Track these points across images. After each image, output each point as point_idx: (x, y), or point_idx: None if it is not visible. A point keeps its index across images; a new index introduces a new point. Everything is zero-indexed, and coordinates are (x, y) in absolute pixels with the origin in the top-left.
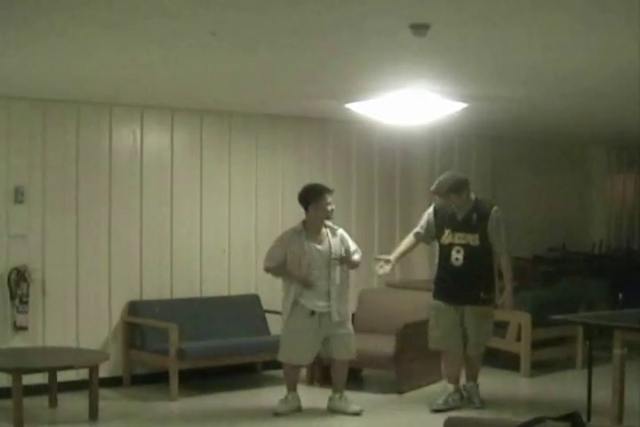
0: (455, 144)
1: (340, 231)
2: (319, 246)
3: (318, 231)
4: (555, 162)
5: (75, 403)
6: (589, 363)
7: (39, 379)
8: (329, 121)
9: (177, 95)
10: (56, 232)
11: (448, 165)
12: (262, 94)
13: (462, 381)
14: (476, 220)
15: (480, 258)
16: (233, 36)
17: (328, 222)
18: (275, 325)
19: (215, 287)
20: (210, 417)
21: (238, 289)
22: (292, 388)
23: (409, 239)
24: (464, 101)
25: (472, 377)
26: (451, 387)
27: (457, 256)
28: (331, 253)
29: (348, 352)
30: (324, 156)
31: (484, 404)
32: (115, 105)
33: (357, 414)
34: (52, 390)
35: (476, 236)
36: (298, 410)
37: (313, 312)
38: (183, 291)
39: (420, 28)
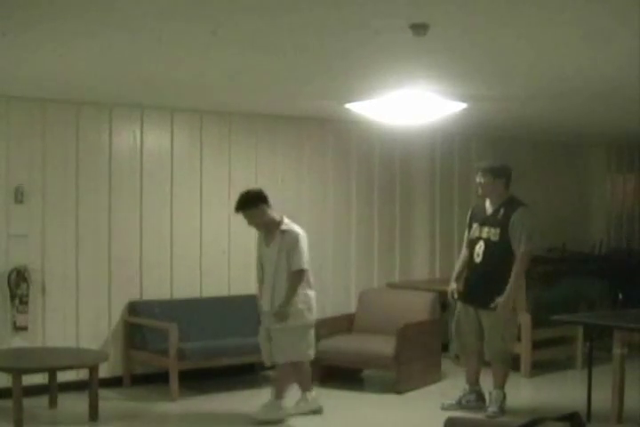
0: (455, 144)
1: (291, 236)
2: (267, 248)
3: (269, 232)
4: (555, 162)
5: (75, 403)
6: (589, 363)
7: (39, 379)
8: (329, 121)
9: (177, 95)
10: (56, 232)
11: (448, 165)
12: (262, 94)
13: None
14: (501, 215)
15: (498, 255)
16: (233, 36)
17: (284, 225)
18: None
19: (215, 287)
20: (210, 417)
21: (238, 289)
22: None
23: (463, 256)
24: (464, 101)
25: (495, 383)
26: (467, 387)
27: (478, 252)
28: (274, 254)
29: (282, 355)
30: (324, 156)
31: (500, 414)
32: (115, 105)
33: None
34: (52, 390)
35: (497, 231)
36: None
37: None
38: (183, 291)
39: (419, 28)
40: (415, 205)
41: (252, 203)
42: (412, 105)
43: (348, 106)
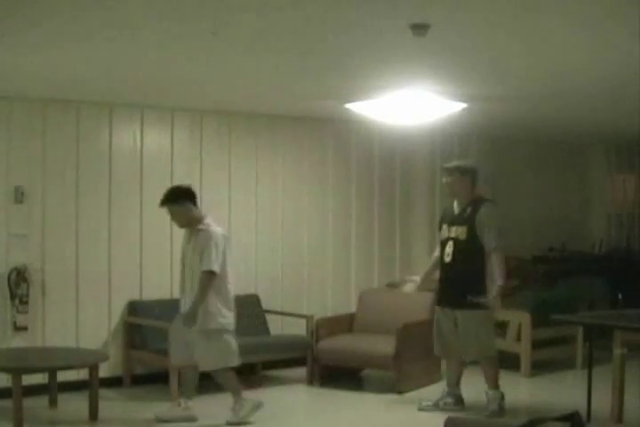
0: (455, 144)
1: (205, 235)
2: (187, 247)
3: (190, 229)
4: (555, 162)
5: (75, 403)
6: (589, 363)
7: (39, 379)
8: (329, 121)
9: (177, 95)
10: (56, 232)
11: None
12: (262, 94)
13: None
14: (468, 213)
15: (467, 254)
16: (233, 36)
17: (201, 224)
18: (275, 325)
19: None
20: (210, 417)
21: (238, 289)
22: (185, 394)
23: (434, 257)
24: (464, 101)
25: (487, 384)
26: (445, 389)
27: (448, 251)
28: (189, 254)
29: (205, 363)
30: (324, 156)
31: (499, 415)
32: (115, 105)
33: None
34: (52, 390)
35: (465, 229)
36: (189, 420)
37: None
38: None
39: (419, 28)
40: (415, 205)
41: (176, 199)
42: (411, 105)
43: (348, 106)
